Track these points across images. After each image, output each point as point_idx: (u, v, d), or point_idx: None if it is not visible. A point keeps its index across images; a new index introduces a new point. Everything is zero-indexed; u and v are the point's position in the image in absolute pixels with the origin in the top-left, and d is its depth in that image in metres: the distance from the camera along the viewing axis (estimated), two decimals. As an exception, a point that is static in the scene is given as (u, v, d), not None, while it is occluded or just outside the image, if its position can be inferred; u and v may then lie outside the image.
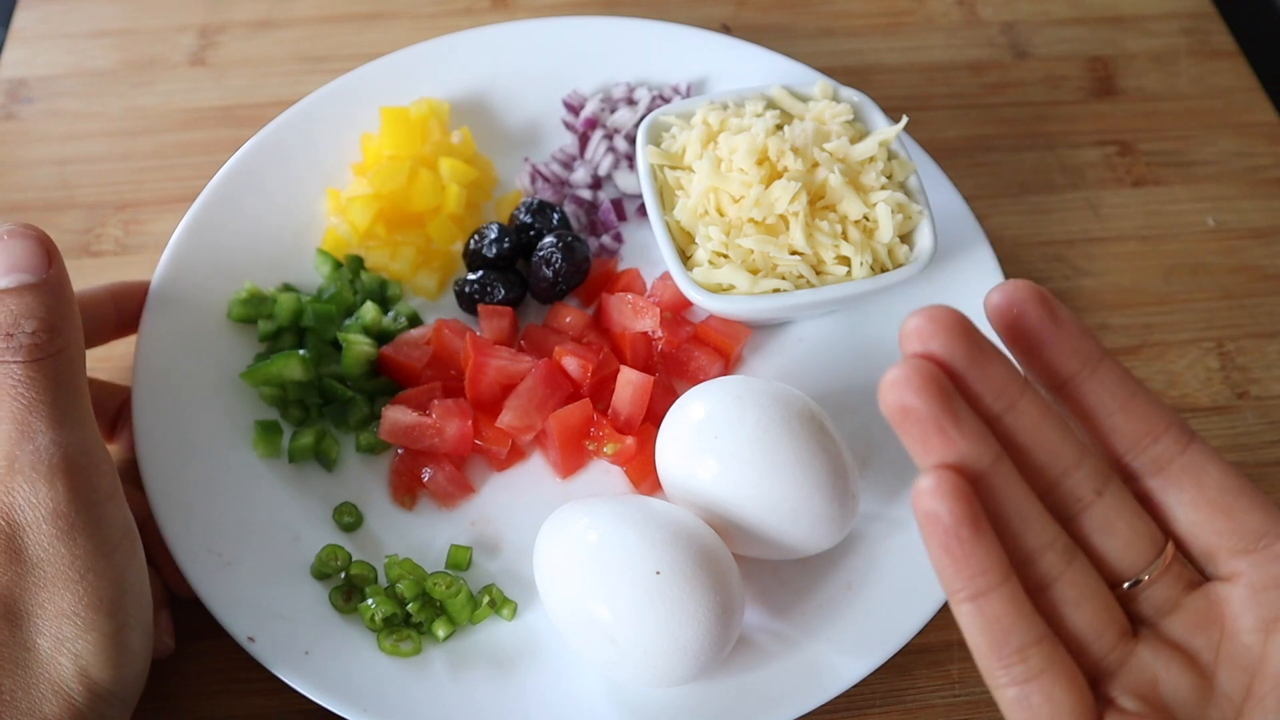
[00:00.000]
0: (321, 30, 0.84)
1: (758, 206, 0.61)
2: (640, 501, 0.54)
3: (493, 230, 0.66)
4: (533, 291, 0.66)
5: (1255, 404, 0.68)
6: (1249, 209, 0.76)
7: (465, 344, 0.62)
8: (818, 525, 0.53)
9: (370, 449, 0.61)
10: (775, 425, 0.53)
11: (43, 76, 0.81)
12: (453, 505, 0.60)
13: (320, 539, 0.58)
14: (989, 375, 0.35)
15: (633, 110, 0.72)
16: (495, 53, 0.75)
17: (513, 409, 0.60)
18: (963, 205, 0.68)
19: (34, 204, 0.75)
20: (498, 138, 0.73)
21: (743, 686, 0.54)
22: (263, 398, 0.62)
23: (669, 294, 0.65)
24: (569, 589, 0.51)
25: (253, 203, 0.67)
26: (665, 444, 0.56)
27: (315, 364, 0.62)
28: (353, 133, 0.71)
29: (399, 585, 0.56)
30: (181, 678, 0.57)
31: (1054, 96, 0.82)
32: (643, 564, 0.49)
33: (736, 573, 0.52)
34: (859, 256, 0.61)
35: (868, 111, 0.67)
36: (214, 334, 0.63)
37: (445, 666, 0.55)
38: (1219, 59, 0.84)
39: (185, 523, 0.56)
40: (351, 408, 0.62)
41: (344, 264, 0.67)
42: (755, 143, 0.61)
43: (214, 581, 0.55)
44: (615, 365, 0.62)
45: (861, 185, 0.63)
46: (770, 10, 0.86)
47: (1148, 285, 0.73)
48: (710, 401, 0.55)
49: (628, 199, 0.72)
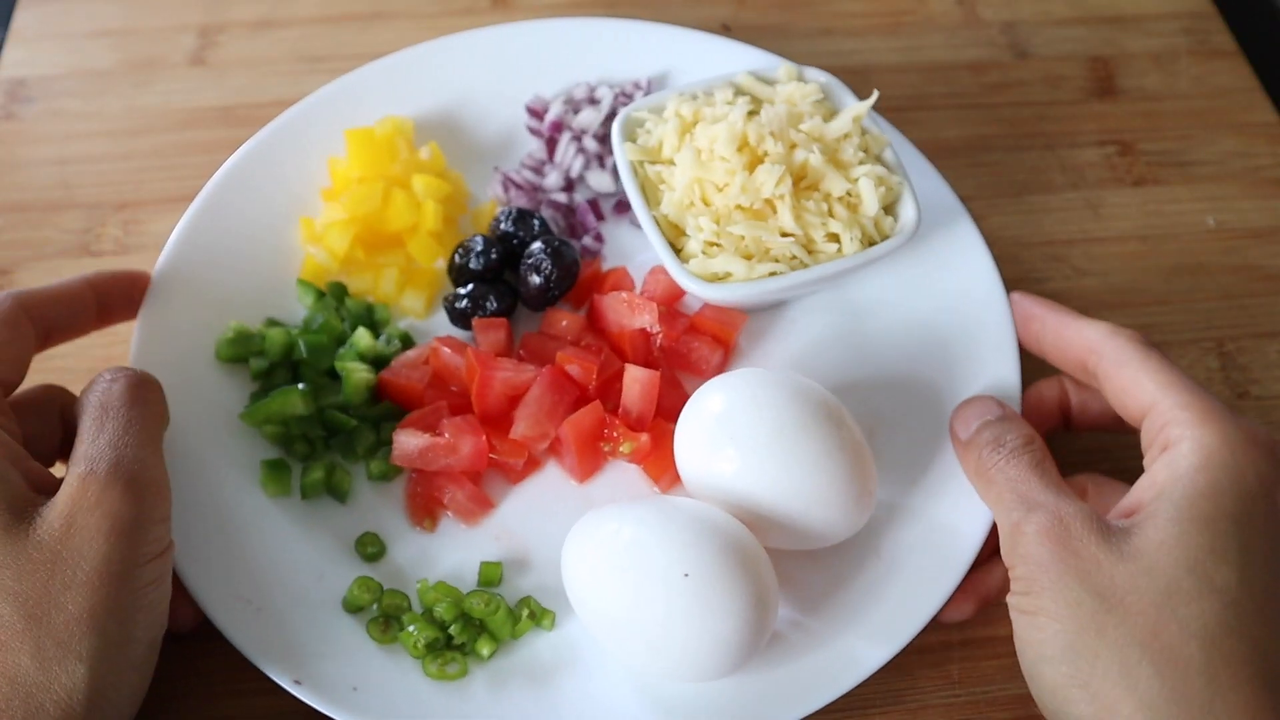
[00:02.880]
0: (321, 30, 0.84)
1: (744, 193, 0.61)
2: (664, 501, 0.54)
3: (478, 243, 0.66)
4: (524, 300, 0.66)
5: (1255, 404, 0.68)
6: (1249, 209, 0.76)
7: (466, 360, 0.62)
8: (839, 513, 0.54)
9: (383, 476, 0.61)
10: (794, 415, 0.53)
11: (43, 76, 0.81)
12: (475, 522, 0.60)
13: (345, 572, 0.58)
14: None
15: (596, 110, 0.72)
16: (451, 65, 0.74)
17: (524, 419, 0.60)
18: (940, 181, 0.69)
19: (34, 204, 0.75)
20: (463, 151, 0.73)
21: (774, 678, 0.54)
22: (266, 436, 0.61)
23: (661, 288, 0.65)
24: (602, 595, 0.51)
25: (225, 241, 0.66)
26: (684, 438, 0.56)
27: (314, 396, 0.61)
28: (316, 158, 0.70)
29: (437, 608, 0.56)
30: (182, 679, 0.57)
31: (1054, 96, 0.82)
32: (674, 565, 0.49)
33: (768, 563, 0.52)
34: (848, 232, 0.62)
35: (836, 90, 0.68)
36: (203, 378, 0.62)
37: (487, 684, 0.55)
38: (1219, 59, 0.84)
39: (208, 574, 0.55)
40: (357, 437, 0.61)
41: (327, 292, 0.66)
42: (734, 130, 0.62)
43: (249, 629, 0.54)
44: (618, 365, 0.62)
45: (841, 162, 0.63)
46: (770, 10, 0.86)
47: (1148, 285, 0.73)
48: (728, 394, 0.55)
49: (603, 198, 0.72)
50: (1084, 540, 0.48)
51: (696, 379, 0.62)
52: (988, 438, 0.55)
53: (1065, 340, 0.58)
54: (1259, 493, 0.48)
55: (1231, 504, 0.47)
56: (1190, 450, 0.49)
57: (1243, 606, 0.45)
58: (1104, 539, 0.48)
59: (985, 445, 0.55)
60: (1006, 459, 0.54)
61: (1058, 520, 0.49)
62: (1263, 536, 0.47)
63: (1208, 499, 0.47)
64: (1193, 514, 0.47)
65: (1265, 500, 0.48)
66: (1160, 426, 0.51)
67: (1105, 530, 0.48)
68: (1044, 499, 0.50)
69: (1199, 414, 0.50)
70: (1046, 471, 0.53)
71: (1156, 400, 0.52)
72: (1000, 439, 0.55)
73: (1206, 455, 0.48)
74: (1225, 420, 0.49)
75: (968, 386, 0.62)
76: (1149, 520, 0.48)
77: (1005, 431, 0.55)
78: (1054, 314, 0.60)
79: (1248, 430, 0.49)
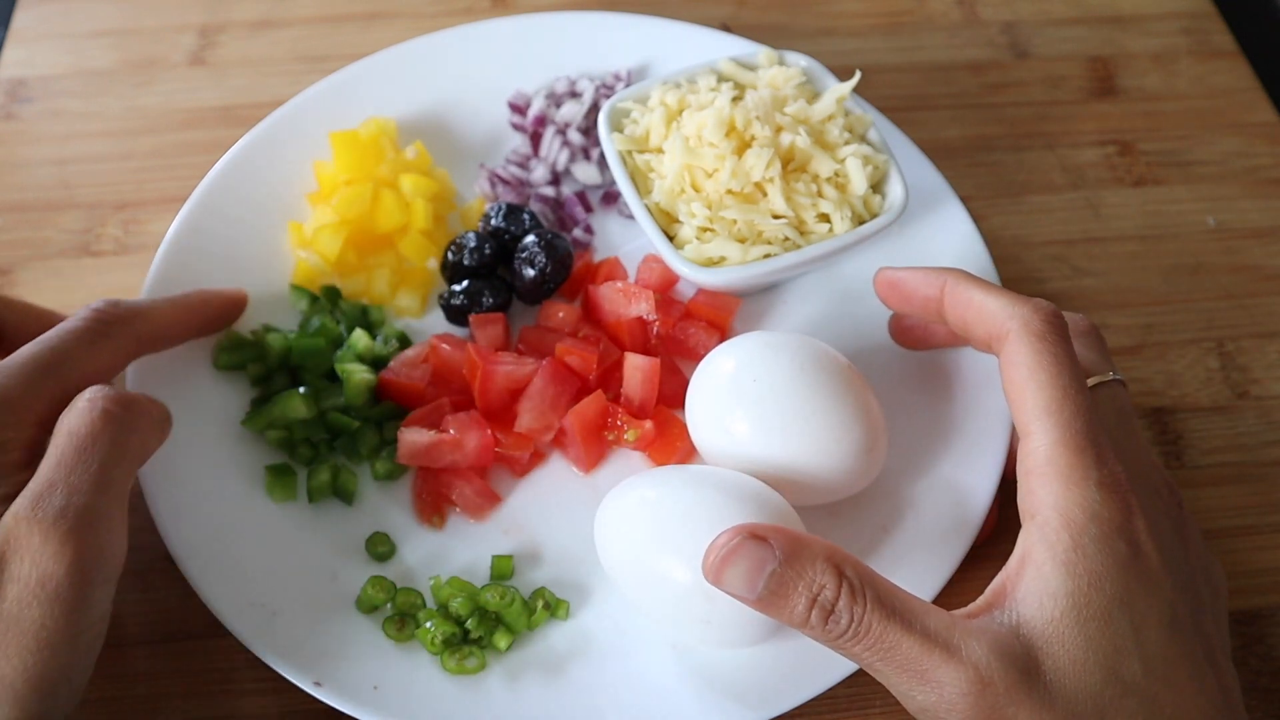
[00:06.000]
0: (321, 30, 0.84)
1: (734, 177, 0.62)
2: (697, 468, 0.54)
3: (470, 239, 0.66)
4: (519, 293, 0.66)
5: (1255, 404, 0.68)
6: (1249, 209, 0.76)
7: (467, 356, 0.62)
8: (852, 465, 0.54)
9: (388, 475, 0.61)
10: (806, 368, 0.54)
11: (43, 76, 0.81)
12: (483, 517, 0.60)
13: (357, 572, 0.58)
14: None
15: (578, 103, 0.73)
16: (432, 64, 0.74)
17: (528, 412, 0.60)
18: (921, 157, 0.70)
19: (34, 204, 0.75)
20: (447, 149, 0.73)
21: (793, 648, 0.54)
22: (270, 442, 0.61)
23: (655, 276, 0.65)
24: (649, 558, 0.51)
25: (215, 248, 0.66)
26: (696, 403, 0.57)
27: (315, 400, 0.61)
28: (301, 162, 0.70)
29: (453, 604, 0.56)
30: (181, 678, 0.57)
31: (1054, 96, 0.82)
32: (732, 518, 0.49)
33: (799, 521, 0.52)
34: (838, 211, 0.62)
35: (817, 73, 0.68)
36: (202, 387, 0.62)
37: (505, 677, 0.55)
38: (1219, 59, 0.84)
39: (221, 582, 0.55)
40: (361, 438, 0.61)
41: (320, 296, 0.66)
42: (722, 116, 0.62)
43: (266, 634, 0.54)
44: (617, 354, 0.63)
45: (827, 143, 0.64)
46: (770, 9, 0.86)
47: (1148, 285, 0.73)
48: (739, 354, 0.56)
49: (590, 190, 0.72)
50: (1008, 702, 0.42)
51: (694, 364, 0.62)
52: (814, 619, 0.44)
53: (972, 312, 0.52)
54: (1129, 557, 0.44)
55: (1112, 585, 0.43)
56: (1059, 528, 0.44)
57: (1152, 689, 0.43)
58: (1027, 692, 0.42)
59: (816, 626, 0.44)
60: (853, 639, 0.44)
61: (979, 682, 0.42)
62: (1141, 594, 0.44)
63: (1095, 589, 0.43)
64: (1090, 613, 0.43)
65: (1134, 560, 0.44)
66: (1024, 468, 0.46)
67: (1022, 679, 0.42)
68: (932, 666, 0.42)
69: (1059, 482, 0.45)
70: (903, 613, 0.43)
71: (1031, 431, 0.46)
72: (824, 607, 0.44)
73: (1075, 539, 0.44)
74: (1085, 484, 0.44)
75: (958, 363, 0.62)
76: (1050, 641, 0.43)
77: (815, 587, 0.44)
78: (962, 284, 0.52)
79: (1103, 481, 0.45)
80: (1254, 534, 0.64)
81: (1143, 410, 0.68)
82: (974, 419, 0.61)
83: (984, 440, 0.60)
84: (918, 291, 0.54)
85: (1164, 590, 0.44)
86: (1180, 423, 0.67)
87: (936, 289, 0.53)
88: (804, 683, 0.53)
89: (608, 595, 0.57)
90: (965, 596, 0.48)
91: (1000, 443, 0.59)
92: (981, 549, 0.58)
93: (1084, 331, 0.56)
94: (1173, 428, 0.67)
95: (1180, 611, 0.45)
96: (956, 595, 0.55)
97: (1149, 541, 0.45)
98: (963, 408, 0.61)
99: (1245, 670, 0.59)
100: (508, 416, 0.61)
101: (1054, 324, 0.48)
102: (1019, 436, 0.48)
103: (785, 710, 0.53)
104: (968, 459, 0.59)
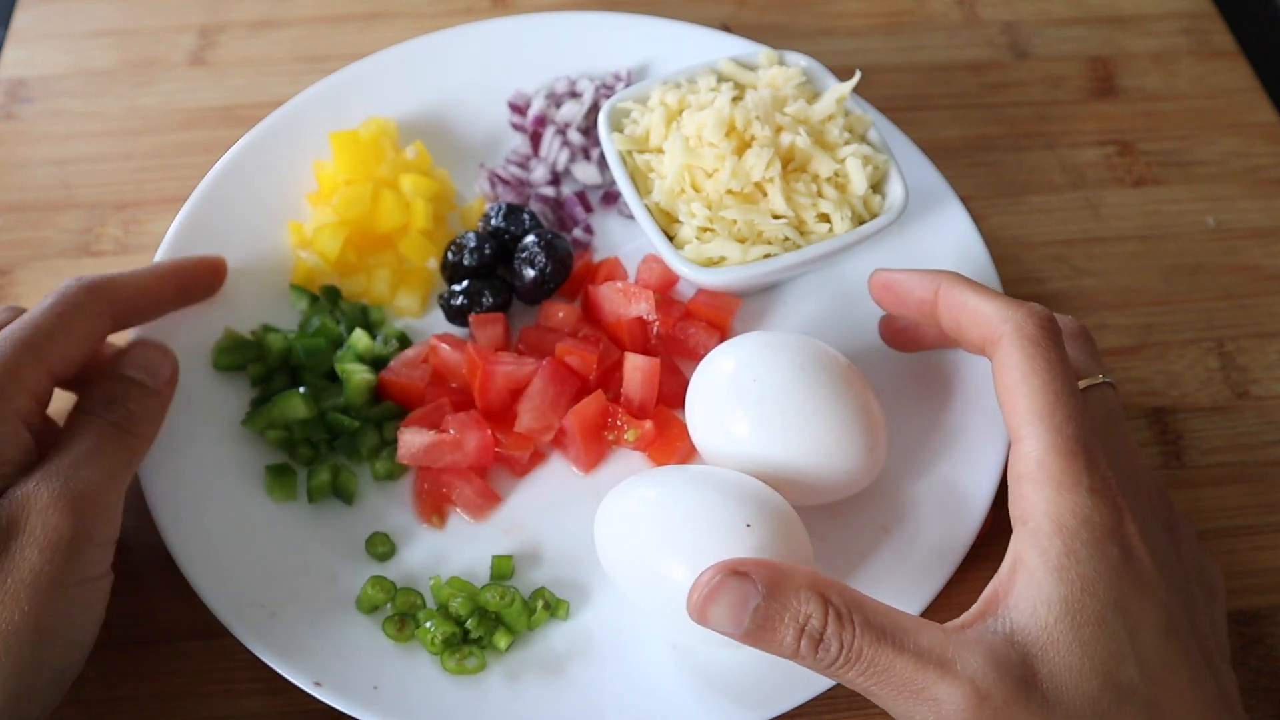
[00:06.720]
0: (321, 30, 0.84)
1: (734, 177, 0.62)
2: (697, 468, 0.54)
3: (470, 239, 0.66)
4: (519, 293, 0.66)
5: (1255, 404, 0.68)
6: (1249, 209, 0.76)
7: (467, 356, 0.62)
8: (852, 465, 0.54)
9: (388, 475, 0.61)
10: (806, 368, 0.54)
11: (43, 76, 0.81)
12: (483, 517, 0.60)
13: (357, 572, 0.58)
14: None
15: (578, 103, 0.73)
16: (431, 65, 0.74)
17: (528, 411, 0.60)
18: (921, 157, 0.70)
19: (34, 204, 0.75)
20: (447, 149, 0.73)
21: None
22: (270, 442, 0.61)
23: (655, 276, 0.66)
24: (649, 558, 0.51)
25: (215, 248, 0.65)
26: (696, 403, 0.57)
27: (315, 400, 0.61)
28: (301, 162, 0.70)
29: (453, 603, 0.56)
30: (181, 677, 0.57)
31: (1054, 96, 0.82)
32: (732, 518, 0.49)
33: (799, 521, 0.52)
34: (838, 211, 0.62)
35: (817, 73, 0.68)
36: (201, 387, 0.62)
37: (505, 677, 0.55)
38: (1219, 59, 0.84)
39: (221, 582, 0.55)
40: (361, 438, 0.61)
41: (320, 296, 0.66)
42: (722, 115, 0.62)
43: (265, 634, 0.54)
44: (617, 354, 0.63)
45: (827, 143, 0.64)
46: (770, 9, 0.86)
47: (1148, 285, 0.73)
48: (739, 354, 0.56)
49: (590, 190, 0.72)
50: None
51: (694, 364, 0.62)
52: (804, 649, 0.44)
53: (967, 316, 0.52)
54: (1121, 561, 0.44)
55: (1105, 589, 0.43)
56: (1051, 534, 0.44)
57: (1150, 692, 0.43)
58: (1025, 701, 0.42)
59: (807, 656, 0.44)
60: (845, 665, 0.44)
61: (976, 696, 0.42)
62: (1135, 598, 0.44)
63: (1089, 594, 0.43)
64: (1084, 618, 0.43)
65: (1127, 564, 0.44)
66: (1017, 482, 0.47)
67: (1019, 689, 0.42)
68: (928, 684, 0.42)
69: (1051, 487, 0.45)
70: (893, 634, 0.43)
71: (1023, 436, 0.47)
72: (812, 636, 0.44)
73: (1067, 544, 0.44)
74: (1076, 489, 0.45)
75: (958, 364, 0.62)
76: (1045, 649, 0.43)
77: (801, 617, 0.44)
78: (956, 288, 0.53)
79: (1094, 486, 0.45)
80: (1254, 534, 0.64)
81: (1143, 410, 0.68)
82: (974, 419, 0.61)
83: (984, 440, 0.60)
84: (912, 294, 0.55)
85: (1158, 593, 0.44)
86: (1180, 423, 0.67)
87: (930, 292, 0.54)
88: (804, 683, 0.53)
89: (608, 595, 0.57)
90: (963, 597, 0.48)
91: (1000, 443, 0.59)
92: (978, 549, 0.57)
93: (1074, 334, 0.56)
94: (1173, 428, 0.67)
95: (1175, 614, 0.45)
96: (956, 595, 0.55)
97: (1141, 545, 0.45)
98: (963, 408, 0.61)
99: (1245, 670, 0.59)
100: (508, 416, 0.61)
101: (1047, 329, 0.48)
102: (1011, 441, 0.48)
103: (785, 710, 0.53)
104: (967, 459, 0.59)
